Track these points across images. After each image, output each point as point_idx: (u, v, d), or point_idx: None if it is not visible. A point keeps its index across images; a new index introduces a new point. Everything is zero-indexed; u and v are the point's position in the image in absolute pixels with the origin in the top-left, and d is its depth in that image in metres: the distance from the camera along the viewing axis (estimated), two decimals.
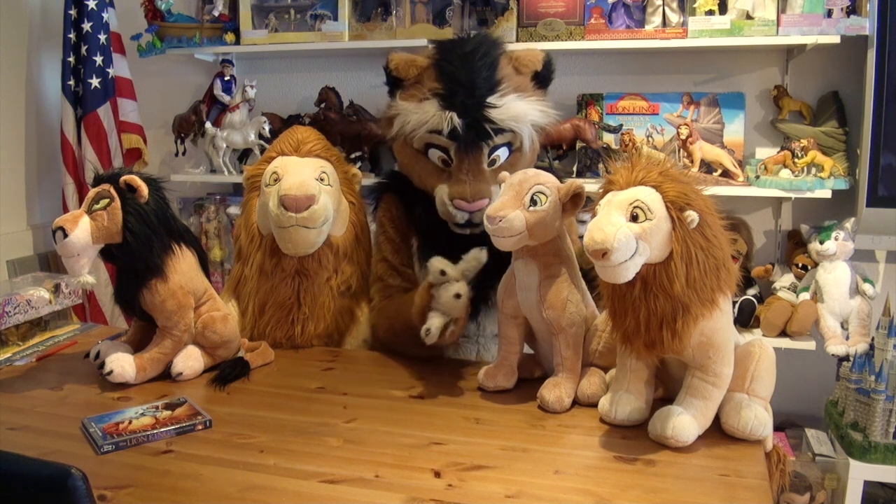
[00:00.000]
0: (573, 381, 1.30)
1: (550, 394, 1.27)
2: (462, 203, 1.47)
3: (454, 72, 1.49)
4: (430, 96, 1.50)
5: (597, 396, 1.27)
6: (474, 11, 2.36)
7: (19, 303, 1.65)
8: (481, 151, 1.49)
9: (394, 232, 1.65)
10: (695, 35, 2.14)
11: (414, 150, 1.56)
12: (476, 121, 1.46)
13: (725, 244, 1.11)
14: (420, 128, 1.50)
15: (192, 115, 2.59)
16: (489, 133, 1.47)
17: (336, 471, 1.07)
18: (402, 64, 1.57)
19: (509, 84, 1.51)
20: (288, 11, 2.52)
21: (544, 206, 1.24)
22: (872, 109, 2.05)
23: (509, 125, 1.48)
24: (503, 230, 1.23)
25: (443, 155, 1.52)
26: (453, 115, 1.45)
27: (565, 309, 1.27)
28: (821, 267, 2.10)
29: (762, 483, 1.03)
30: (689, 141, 2.22)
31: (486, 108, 1.46)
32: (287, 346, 1.64)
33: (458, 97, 1.46)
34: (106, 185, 1.37)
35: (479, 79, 1.47)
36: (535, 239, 1.26)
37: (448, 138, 1.48)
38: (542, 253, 1.29)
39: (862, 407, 1.86)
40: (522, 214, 1.23)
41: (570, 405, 1.28)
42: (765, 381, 1.19)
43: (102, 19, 2.52)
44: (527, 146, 1.54)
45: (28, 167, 2.68)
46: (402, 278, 1.62)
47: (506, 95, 1.48)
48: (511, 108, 1.48)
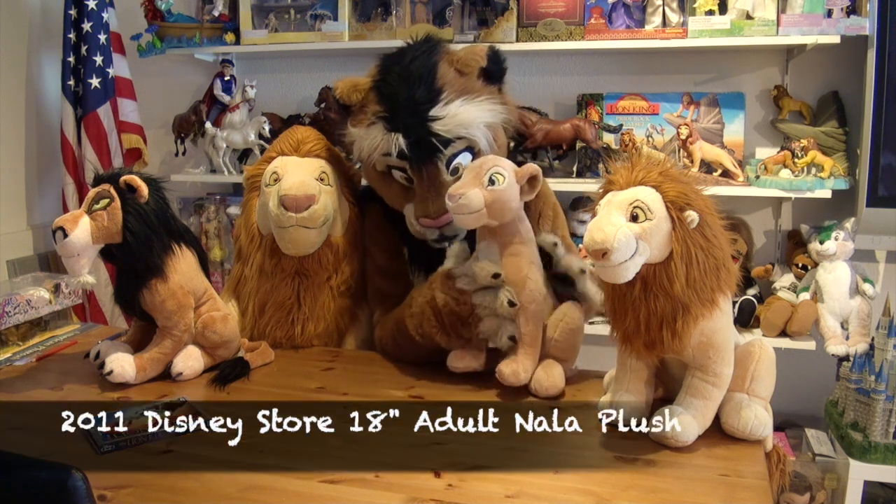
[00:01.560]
0: (531, 358, 1.32)
1: (507, 368, 1.30)
2: (427, 221, 1.46)
3: (393, 92, 1.46)
4: (375, 120, 1.47)
5: (556, 388, 1.30)
6: (474, 11, 2.36)
7: (19, 303, 1.64)
8: (436, 166, 1.47)
9: (382, 238, 1.65)
10: (695, 35, 2.14)
11: (378, 173, 1.55)
12: (421, 138, 1.43)
13: (725, 244, 1.11)
14: (373, 153, 1.48)
15: (192, 115, 2.60)
16: (437, 147, 1.44)
17: (336, 471, 1.07)
18: (346, 90, 1.54)
19: (452, 90, 1.45)
20: (288, 11, 2.52)
21: (502, 185, 1.29)
22: (872, 109, 2.05)
23: (458, 133, 1.45)
24: (462, 207, 1.28)
25: (404, 174, 1.51)
26: (398, 137, 1.43)
27: (525, 286, 1.31)
28: (821, 267, 2.10)
29: (762, 483, 1.03)
30: (689, 141, 2.22)
31: (430, 122, 1.43)
32: (287, 346, 1.64)
33: (399, 118, 1.44)
34: (106, 185, 1.37)
35: (418, 93, 1.43)
36: (495, 218, 1.30)
37: (399, 159, 1.47)
38: (502, 234, 1.34)
39: (862, 407, 1.87)
40: (481, 193, 1.28)
41: (526, 380, 1.31)
42: (765, 381, 1.19)
43: (102, 19, 2.52)
44: (485, 147, 1.49)
45: (28, 167, 2.68)
46: (400, 283, 1.62)
47: (450, 104, 1.43)
48: (457, 117, 1.44)
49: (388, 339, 1.56)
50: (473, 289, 1.33)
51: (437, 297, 1.36)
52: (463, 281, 1.34)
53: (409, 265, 1.63)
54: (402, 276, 1.63)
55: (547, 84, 2.49)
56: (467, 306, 1.34)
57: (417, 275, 1.61)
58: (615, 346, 1.18)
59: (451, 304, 1.34)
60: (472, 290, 1.33)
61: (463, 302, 1.33)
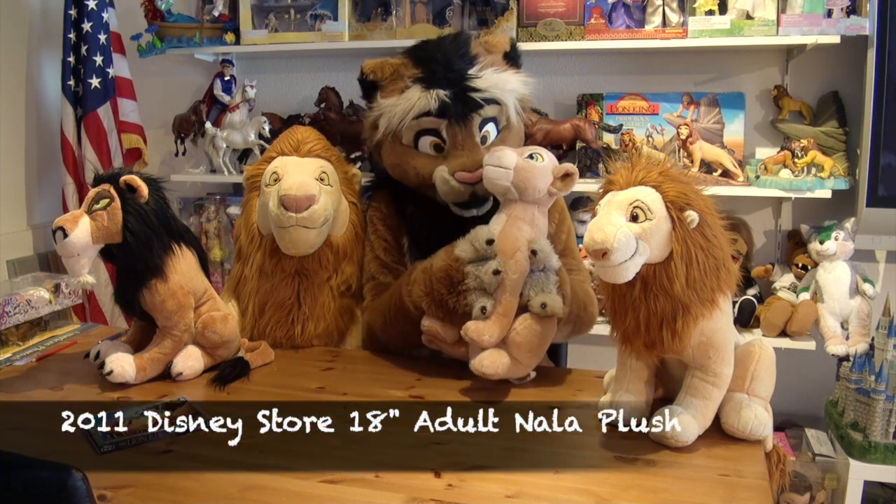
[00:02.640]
0: (500, 327, 1.34)
1: (474, 325, 1.33)
2: (464, 175, 1.48)
3: (430, 55, 1.55)
4: (410, 84, 1.54)
5: (492, 369, 1.32)
6: (474, 11, 2.36)
7: (19, 303, 1.65)
8: (472, 123, 1.52)
9: (385, 230, 1.65)
10: (695, 35, 2.14)
11: (403, 147, 1.58)
12: (461, 91, 1.50)
13: (725, 244, 1.11)
14: (407, 115, 1.53)
15: (192, 115, 2.59)
16: (477, 102, 1.51)
17: (336, 471, 1.07)
18: (376, 66, 1.62)
19: (484, 60, 1.56)
20: (288, 11, 2.52)
21: (538, 163, 1.36)
22: (872, 109, 2.05)
23: (494, 94, 1.53)
24: (495, 158, 1.35)
25: (434, 139, 1.54)
26: (438, 91, 1.50)
27: (514, 256, 1.35)
28: (821, 267, 2.10)
29: (762, 483, 1.03)
30: (689, 141, 2.22)
31: (469, 79, 1.51)
32: (287, 346, 1.64)
33: (438, 75, 1.51)
34: (106, 185, 1.37)
35: (455, 57, 1.53)
36: (518, 187, 1.36)
37: (437, 117, 1.51)
38: (517, 216, 1.38)
39: (862, 407, 1.87)
40: (516, 157, 1.36)
41: (489, 344, 1.33)
42: (765, 381, 1.19)
43: (102, 19, 2.51)
44: (514, 119, 1.57)
45: (28, 167, 2.67)
46: (394, 276, 1.62)
47: (483, 69, 1.54)
48: (492, 78, 1.53)
49: (377, 318, 1.58)
50: (469, 258, 1.36)
51: (435, 262, 1.42)
52: (461, 248, 1.37)
53: (409, 256, 1.64)
54: (398, 268, 1.64)
55: (547, 84, 2.48)
56: (459, 273, 1.37)
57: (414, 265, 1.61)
58: (615, 346, 1.18)
59: (445, 267, 1.39)
60: (467, 258, 1.36)
61: (456, 269, 1.37)
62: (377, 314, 1.59)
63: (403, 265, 1.64)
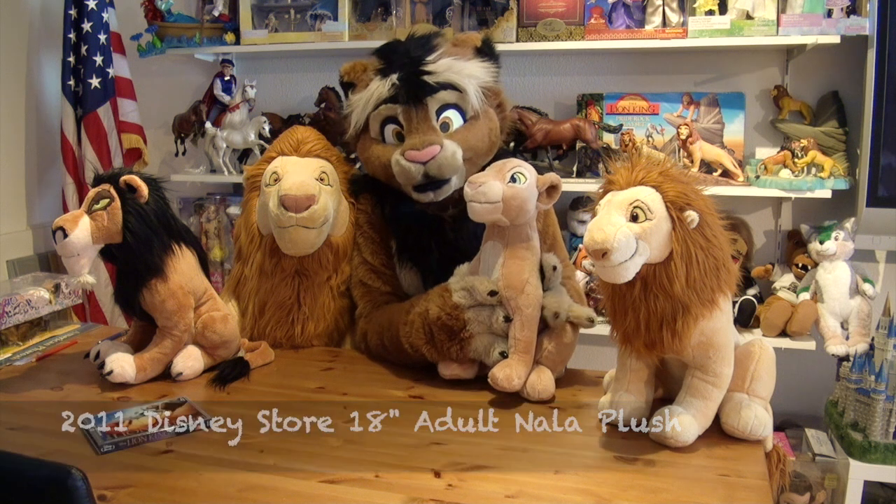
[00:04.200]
0: (525, 364, 1.33)
1: (501, 372, 1.30)
2: (413, 154, 1.45)
3: (392, 49, 1.56)
4: (373, 76, 1.55)
5: (548, 392, 1.31)
6: (474, 11, 2.36)
7: (19, 303, 1.64)
8: (426, 106, 1.50)
9: (372, 232, 1.65)
10: (695, 35, 2.14)
11: (371, 140, 1.58)
12: (413, 75, 1.50)
13: (725, 244, 1.11)
14: (369, 104, 1.53)
15: (192, 115, 2.59)
16: (429, 84, 1.49)
17: (336, 471, 1.07)
18: (350, 68, 1.65)
19: (445, 51, 1.54)
20: (288, 11, 2.52)
21: (523, 184, 1.33)
22: (872, 109, 2.05)
23: (449, 77, 1.51)
24: (480, 195, 1.31)
25: (396, 127, 1.54)
26: (392, 76, 1.50)
27: (524, 290, 1.33)
28: (821, 267, 2.10)
29: (762, 483, 1.03)
30: (689, 141, 2.22)
31: (423, 64, 1.51)
32: (287, 346, 1.64)
33: (395, 64, 1.52)
34: (106, 185, 1.37)
35: (413, 45, 1.54)
36: (508, 216, 1.33)
37: (394, 102, 1.51)
38: (511, 235, 1.36)
39: (862, 407, 1.87)
40: (501, 186, 1.31)
41: (519, 386, 1.31)
42: (765, 381, 1.19)
43: (102, 19, 2.51)
44: (477, 106, 1.53)
45: (28, 167, 2.67)
46: (383, 280, 1.62)
47: (443, 57, 1.52)
48: (446, 63, 1.52)
49: (374, 337, 1.56)
50: (469, 304, 1.34)
51: (431, 309, 1.37)
52: (459, 295, 1.35)
53: (397, 258, 1.63)
54: (386, 271, 1.63)
55: (547, 84, 2.49)
56: (459, 321, 1.34)
57: (404, 267, 1.61)
58: (615, 346, 1.18)
59: (444, 317, 1.35)
60: (467, 305, 1.34)
61: (456, 317, 1.34)
62: (374, 335, 1.56)
63: (392, 268, 1.63)
